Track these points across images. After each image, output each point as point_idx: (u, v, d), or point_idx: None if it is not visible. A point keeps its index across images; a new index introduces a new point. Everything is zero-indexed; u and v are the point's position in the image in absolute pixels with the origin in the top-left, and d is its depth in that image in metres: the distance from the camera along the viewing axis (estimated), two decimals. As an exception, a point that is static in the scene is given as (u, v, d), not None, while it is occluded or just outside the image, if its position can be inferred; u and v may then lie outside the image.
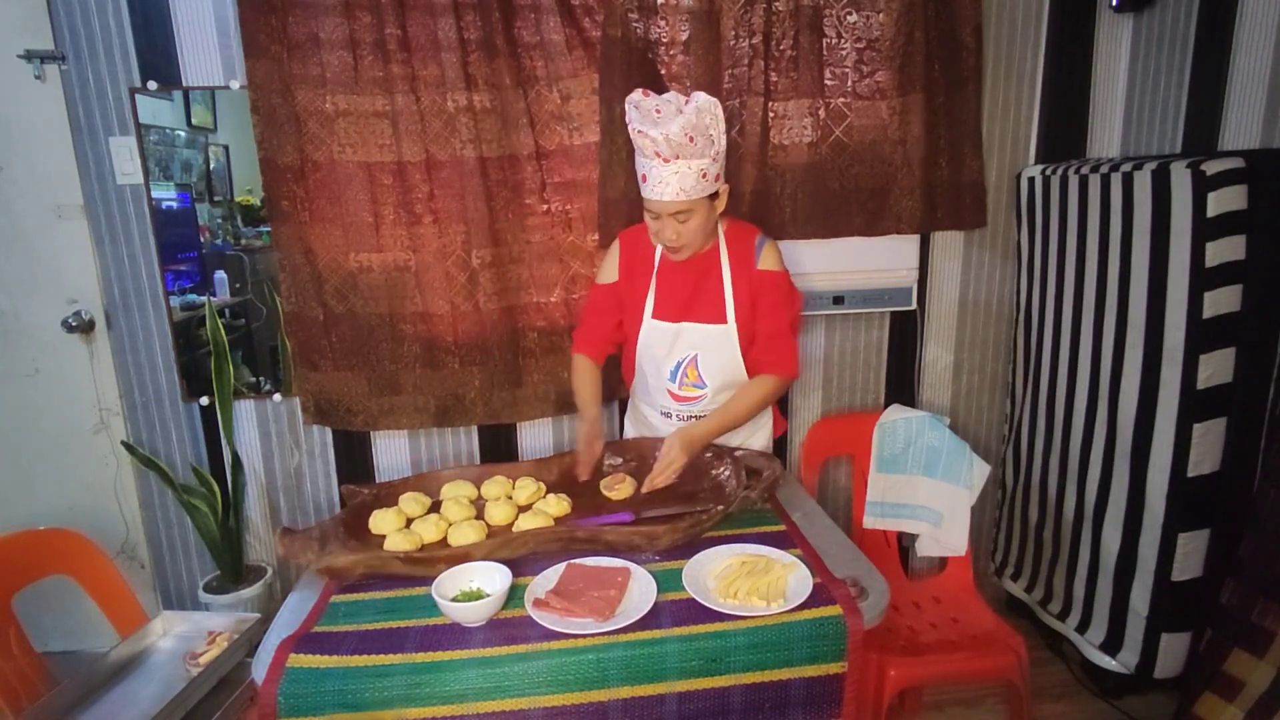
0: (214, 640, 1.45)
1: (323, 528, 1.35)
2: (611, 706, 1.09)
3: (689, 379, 1.62)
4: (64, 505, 2.08)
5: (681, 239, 1.51)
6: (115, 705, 1.33)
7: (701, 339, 1.59)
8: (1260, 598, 1.48)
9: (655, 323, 1.61)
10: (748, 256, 1.59)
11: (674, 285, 1.61)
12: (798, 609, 1.13)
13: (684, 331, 1.59)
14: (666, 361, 1.61)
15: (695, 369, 1.61)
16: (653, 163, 1.44)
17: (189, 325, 2.01)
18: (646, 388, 1.69)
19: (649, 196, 1.48)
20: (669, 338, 1.60)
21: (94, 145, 1.89)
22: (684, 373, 1.61)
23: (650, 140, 1.41)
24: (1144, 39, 1.98)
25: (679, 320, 1.60)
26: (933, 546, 1.98)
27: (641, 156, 1.47)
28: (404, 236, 1.91)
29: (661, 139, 1.40)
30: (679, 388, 1.63)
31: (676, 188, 1.44)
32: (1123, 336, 1.73)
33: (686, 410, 1.64)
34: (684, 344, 1.60)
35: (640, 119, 1.44)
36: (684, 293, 1.60)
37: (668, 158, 1.42)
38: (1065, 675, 2.00)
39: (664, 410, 1.67)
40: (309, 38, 1.79)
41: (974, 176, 2.04)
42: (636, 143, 1.46)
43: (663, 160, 1.43)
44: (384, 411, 2.01)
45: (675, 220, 1.48)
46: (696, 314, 1.59)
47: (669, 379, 1.62)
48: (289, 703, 1.04)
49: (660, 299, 1.61)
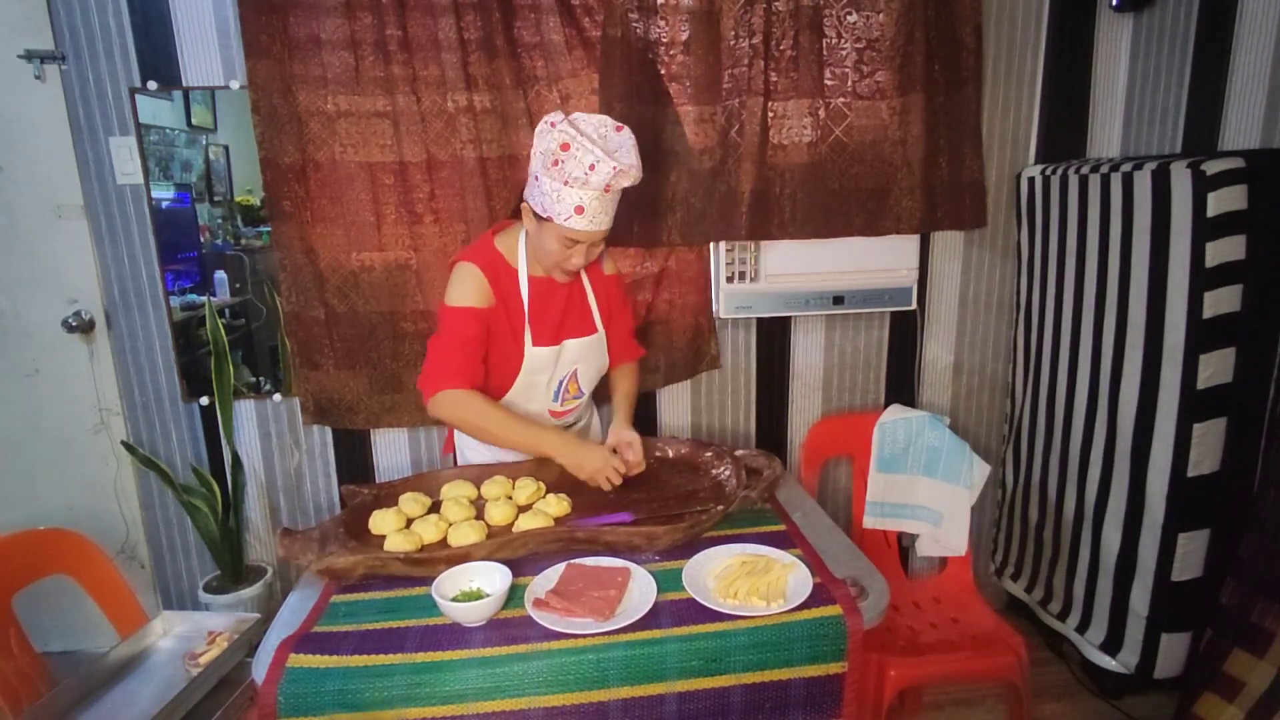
0: (214, 640, 1.45)
1: (323, 528, 1.35)
2: (611, 706, 1.09)
3: (569, 393, 1.62)
4: (64, 505, 2.08)
5: (587, 262, 1.49)
6: (115, 705, 1.33)
7: (580, 353, 1.60)
8: (1260, 598, 1.48)
9: (538, 350, 1.53)
10: (597, 263, 1.62)
11: (547, 308, 1.54)
12: (798, 609, 1.13)
13: (564, 349, 1.57)
14: (549, 385, 1.58)
15: (575, 382, 1.62)
16: (594, 194, 1.37)
17: (189, 325, 2.01)
18: None
19: (582, 228, 1.39)
20: (551, 362, 1.56)
21: (94, 145, 1.89)
22: (565, 389, 1.61)
23: (615, 176, 1.35)
24: (1144, 39, 1.98)
25: (557, 342, 1.56)
26: (933, 546, 1.98)
27: (579, 186, 1.36)
28: (405, 236, 1.91)
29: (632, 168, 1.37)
30: (560, 404, 1.62)
31: (609, 215, 1.44)
32: (1123, 336, 1.73)
33: (563, 423, 1.66)
34: (565, 361, 1.58)
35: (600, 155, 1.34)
36: (557, 314, 1.56)
37: (614, 188, 1.38)
38: (1065, 675, 2.00)
39: None
40: (310, 38, 1.80)
41: (974, 176, 2.04)
42: (584, 175, 1.35)
43: (606, 192, 1.38)
44: (385, 410, 2.01)
45: (593, 246, 1.46)
46: (570, 330, 1.58)
47: (552, 400, 1.60)
48: (289, 703, 1.04)
49: (536, 325, 1.53)
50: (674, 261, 2.04)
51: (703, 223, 1.96)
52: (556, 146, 1.36)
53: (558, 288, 1.56)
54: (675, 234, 1.98)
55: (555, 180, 1.37)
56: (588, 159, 1.35)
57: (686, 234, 1.98)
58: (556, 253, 1.45)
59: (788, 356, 2.19)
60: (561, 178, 1.36)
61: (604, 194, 1.39)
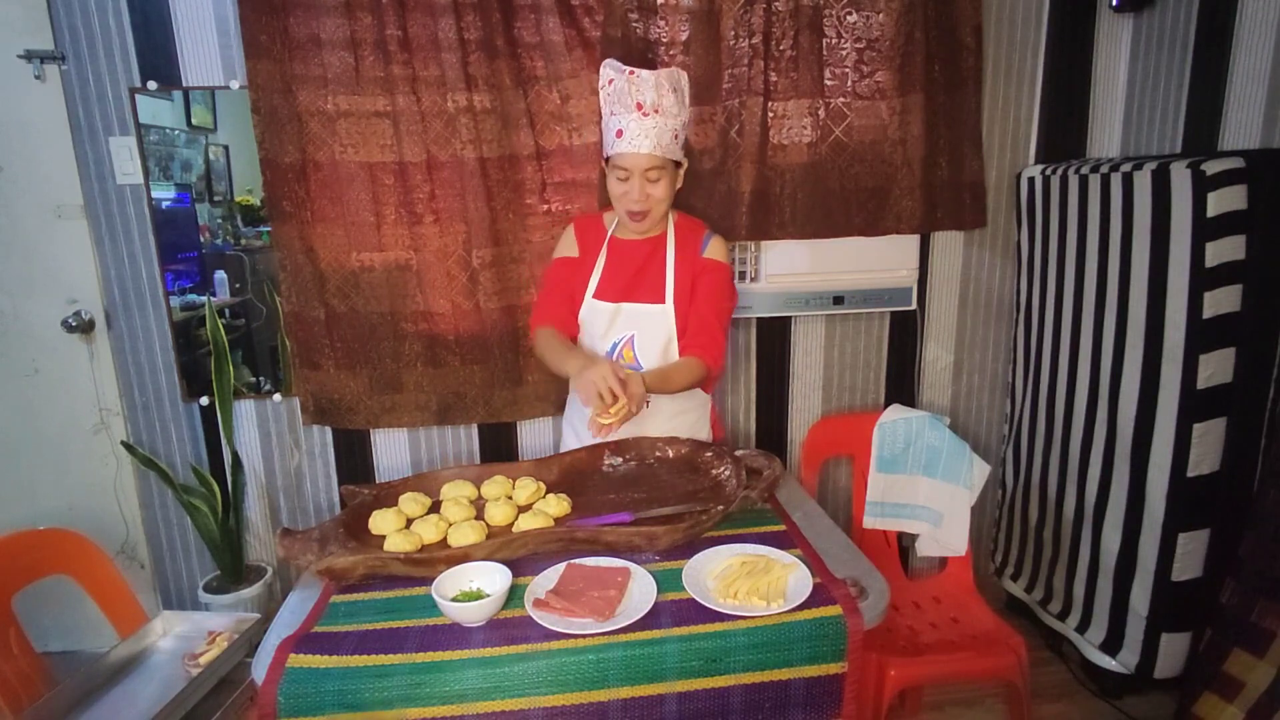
0: (214, 640, 1.45)
1: (323, 528, 1.35)
2: (611, 707, 1.09)
3: (624, 360, 1.62)
4: (64, 505, 2.08)
5: (648, 202, 1.53)
6: (115, 705, 1.33)
7: (639, 319, 1.61)
8: (1260, 598, 1.48)
9: (595, 302, 1.63)
10: (695, 244, 1.65)
11: (620, 266, 1.63)
12: (798, 609, 1.13)
13: (622, 311, 1.61)
14: (604, 341, 1.62)
15: (631, 350, 1.62)
16: (631, 115, 1.48)
17: (189, 325, 2.01)
18: None
19: (624, 150, 1.49)
20: (607, 317, 1.61)
21: (94, 145, 1.89)
22: (619, 353, 1.62)
23: (636, 86, 1.46)
24: (1144, 39, 1.98)
25: (618, 300, 1.61)
26: (933, 546, 1.98)
27: (617, 111, 1.50)
28: (405, 236, 1.91)
29: (650, 83, 1.47)
30: None
31: (654, 141, 1.49)
32: (1123, 336, 1.73)
33: None
34: (621, 324, 1.61)
35: (619, 70, 1.50)
36: (628, 274, 1.62)
37: (648, 110, 1.47)
38: (1065, 675, 2.00)
39: None
40: (310, 38, 1.80)
41: (974, 176, 2.04)
42: (615, 95, 1.50)
43: (642, 113, 1.47)
44: (385, 410, 2.01)
45: (646, 179, 1.51)
46: (637, 295, 1.62)
47: None
48: (289, 703, 1.04)
49: (605, 279, 1.63)
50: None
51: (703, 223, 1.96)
52: (605, 82, 1.54)
53: (638, 252, 1.63)
54: (675, 234, 1.98)
55: (605, 115, 1.55)
56: (617, 79, 1.50)
57: (686, 234, 1.98)
58: (616, 188, 1.55)
59: (788, 356, 2.19)
60: (608, 110, 1.53)
61: (640, 116, 1.47)
